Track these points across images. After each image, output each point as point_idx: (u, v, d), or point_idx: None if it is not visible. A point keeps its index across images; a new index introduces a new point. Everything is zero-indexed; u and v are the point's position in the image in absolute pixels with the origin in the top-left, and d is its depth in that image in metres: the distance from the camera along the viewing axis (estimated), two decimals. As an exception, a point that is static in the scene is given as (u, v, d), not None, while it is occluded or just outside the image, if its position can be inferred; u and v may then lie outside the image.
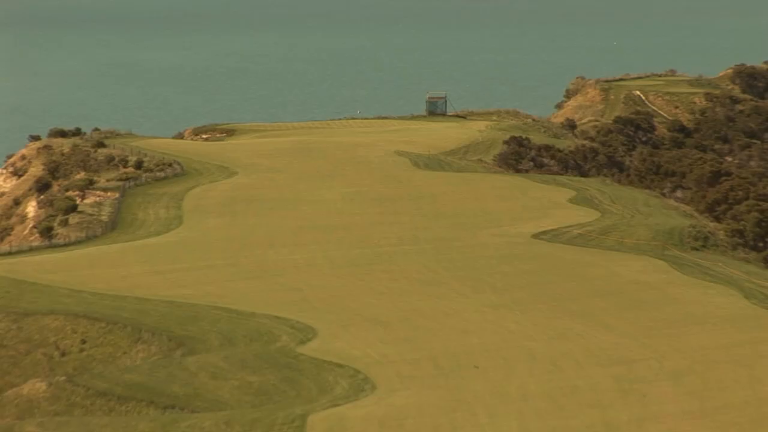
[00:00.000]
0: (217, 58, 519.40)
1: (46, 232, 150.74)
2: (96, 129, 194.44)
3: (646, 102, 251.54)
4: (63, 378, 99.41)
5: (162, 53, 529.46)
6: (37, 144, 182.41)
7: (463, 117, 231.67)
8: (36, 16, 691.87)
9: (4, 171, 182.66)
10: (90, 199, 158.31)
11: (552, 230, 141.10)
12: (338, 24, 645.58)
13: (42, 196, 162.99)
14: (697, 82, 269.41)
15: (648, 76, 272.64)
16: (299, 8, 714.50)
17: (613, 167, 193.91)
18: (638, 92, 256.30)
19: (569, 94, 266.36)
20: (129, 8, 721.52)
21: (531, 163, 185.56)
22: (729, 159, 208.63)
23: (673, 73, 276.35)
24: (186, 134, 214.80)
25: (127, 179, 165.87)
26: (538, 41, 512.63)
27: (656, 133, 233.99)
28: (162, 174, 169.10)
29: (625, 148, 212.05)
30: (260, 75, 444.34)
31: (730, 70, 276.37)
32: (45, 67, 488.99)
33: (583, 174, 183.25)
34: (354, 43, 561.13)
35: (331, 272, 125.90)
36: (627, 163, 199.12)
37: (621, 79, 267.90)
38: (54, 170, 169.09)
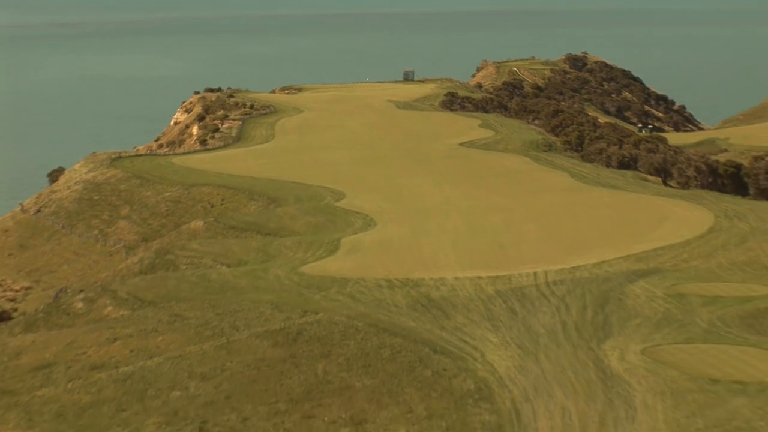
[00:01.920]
0: (287, 50, 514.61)
1: (203, 142, 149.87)
2: (228, 87, 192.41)
3: (519, 73, 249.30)
4: (211, 219, 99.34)
5: (258, 48, 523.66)
6: (198, 95, 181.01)
7: (422, 81, 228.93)
8: (190, 28, 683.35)
9: (180, 109, 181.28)
10: (226, 125, 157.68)
11: (470, 141, 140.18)
12: (349, 31, 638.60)
13: (200, 123, 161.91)
14: (546, 63, 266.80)
15: (520, 60, 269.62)
16: (325, 23, 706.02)
17: (502, 108, 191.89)
18: (515, 68, 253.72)
19: (478, 69, 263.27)
20: (238, 23, 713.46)
21: (458, 106, 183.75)
22: (563, 104, 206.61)
23: (533, 58, 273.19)
24: (276, 90, 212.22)
25: (245, 114, 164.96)
26: (461, 41, 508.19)
27: (524, 90, 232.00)
28: (264, 112, 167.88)
29: (508, 98, 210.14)
30: (309, 60, 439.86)
31: (564, 56, 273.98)
32: (202, 55, 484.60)
33: (486, 111, 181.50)
34: (361, 42, 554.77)
35: (353, 164, 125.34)
36: (509, 105, 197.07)
37: (506, 61, 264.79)
38: (207, 109, 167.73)
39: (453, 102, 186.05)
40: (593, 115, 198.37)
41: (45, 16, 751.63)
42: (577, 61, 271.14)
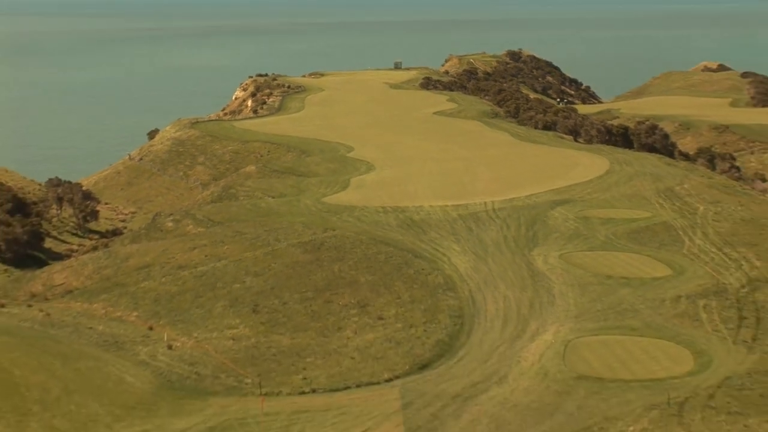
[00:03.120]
0: (314, 46, 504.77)
1: (255, 112, 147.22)
2: (273, 73, 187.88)
3: (474, 63, 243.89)
4: (261, 165, 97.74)
5: (293, 45, 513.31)
6: (251, 79, 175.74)
7: (407, 69, 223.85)
8: (245, 31, 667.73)
9: (239, 88, 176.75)
10: (271, 99, 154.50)
11: (440, 111, 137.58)
12: (356, 34, 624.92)
13: (253, 98, 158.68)
14: (493, 56, 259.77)
15: (475, 54, 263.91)
16: (339, 28, 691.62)
17: (462, 88, 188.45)
18: (471, 60, 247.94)
19: (446, 61, 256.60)
20: (279, 28, 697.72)
21: (432, 87, 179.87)
22: (505, 85, 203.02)
23: (484, 53, 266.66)
24: (306, 75, 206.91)
25: (284, 92, 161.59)
26: (435, 40, 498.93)
27: (478, 75, 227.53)
28: (297, 90, 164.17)
29: (466, 81, 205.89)
30: (328, 54, 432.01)
31: (505, 51, 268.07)
32: (254, 50, 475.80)
33: (451, 90, 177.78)
34: (365, 41, 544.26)
35: (358, 127, 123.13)
36: (467, 86, 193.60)
37: (465, 55, 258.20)
38: (257, 88, 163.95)
39: (428, 83, 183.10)
40: (526, 92, 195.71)
41: (146, 23, 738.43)
42: (515, 55, 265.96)
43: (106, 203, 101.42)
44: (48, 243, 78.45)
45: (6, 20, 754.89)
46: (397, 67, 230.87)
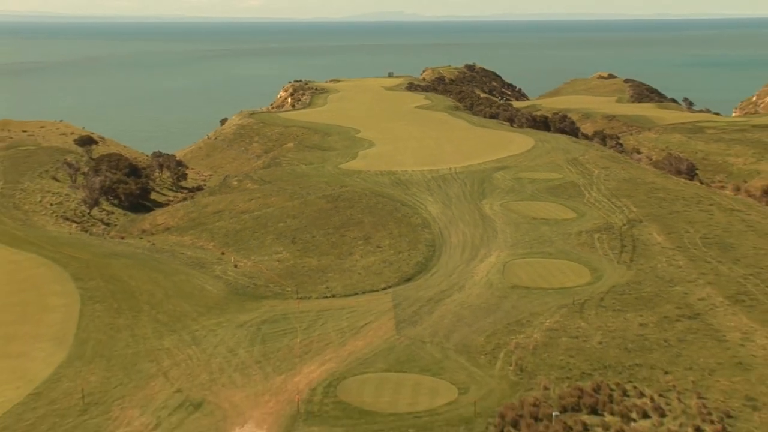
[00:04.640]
0: (333, 61, 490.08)
1: (293, 106, 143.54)
2: (305, 79, 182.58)
3: (442, 73, 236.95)
4: (297, 142, 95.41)
5: (320, 61, 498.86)
6: (290, 83, 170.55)
7: (397, 77, 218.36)
8: (287, 51, 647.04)
9: (282, 90, 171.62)
10: (304, 98, 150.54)
11: (419, 105, 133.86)
12: (362, 53, 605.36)
13: (292, 97, 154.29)
14: (455, 68, 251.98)
15: (443, 66, 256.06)
16: (349, 50, 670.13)
17: (434, 90, 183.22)
18: (441, 70, 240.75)
19: (423, 71, 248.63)
20: (308, 49, 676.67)
21: (414, 89, 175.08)
22: (464, 87, 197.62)
23: (450, 65, 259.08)
24: (328, 81, 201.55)
25: (313, 93, 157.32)
26: (416, 57, 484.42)
27: (446, 81, 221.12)
28: (322, 91, 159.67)
29: (437, 85, 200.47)
30: (341, 66, 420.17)
31: (464, 65, 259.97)
32: (293, 63, 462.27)
33: (427, 91, 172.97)
34: (368, 58, 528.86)
35: (363, 117, 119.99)
36: (438, 89, 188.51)
37: (436, 67, 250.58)
38: (294, 90, 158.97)
39: (411, 87, 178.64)
40: (478, 93, 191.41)
41: (217, 45, 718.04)
42: (471, 67, 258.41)
43: (192, 168, 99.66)
44: (153, 195, 77.34)
45: (118, 45, 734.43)
46: (390, 75, 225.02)
